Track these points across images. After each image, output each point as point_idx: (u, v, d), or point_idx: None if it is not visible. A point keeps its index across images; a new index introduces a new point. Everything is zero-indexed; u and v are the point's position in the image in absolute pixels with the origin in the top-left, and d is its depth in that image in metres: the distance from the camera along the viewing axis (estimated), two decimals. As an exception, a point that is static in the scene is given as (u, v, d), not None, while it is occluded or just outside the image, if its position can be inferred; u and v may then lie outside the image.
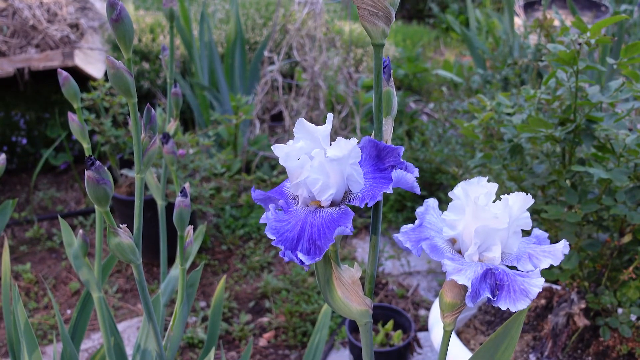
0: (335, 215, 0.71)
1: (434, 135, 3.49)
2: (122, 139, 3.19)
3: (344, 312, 0.85)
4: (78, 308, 1.61)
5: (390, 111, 0.80)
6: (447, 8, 7.08)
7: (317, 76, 3.46)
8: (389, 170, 0.76)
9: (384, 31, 0.71)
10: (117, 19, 0.80)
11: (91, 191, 0.81)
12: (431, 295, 2.94)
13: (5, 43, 3.72)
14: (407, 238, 0.84)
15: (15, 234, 3.41)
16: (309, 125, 0.73)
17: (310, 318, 2.71)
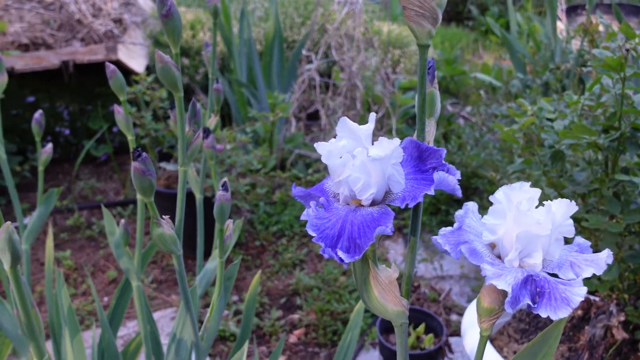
0: (376, 215, 0.71)
1: (471, 138, 3.46)
2: (161, 132, 3.25)
3: (379, 312, 0.86)
4: (116, 296, 1.65)
5: (433, 112, 0.80)
6: (487, 10, 6.99)
7: (354, 76, 3.46)
8: (430, 171, 0.75)
9: (429, 32, 0.71)
10: (167, 14, 0.82)
11: (137, 182, 0.83)
12: (463, 300, 2.91)
13: (52, 36, 3.82)
14: (445, 241, 0.84)
15: (57, 221, 3.51)
16: (351, 124, 0.74)
17: (341, 317, 2.71)
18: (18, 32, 3.72)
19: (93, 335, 1.53)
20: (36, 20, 3.86)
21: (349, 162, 0.71)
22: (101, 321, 1.47)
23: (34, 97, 3.91)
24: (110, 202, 3.66)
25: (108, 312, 1.67)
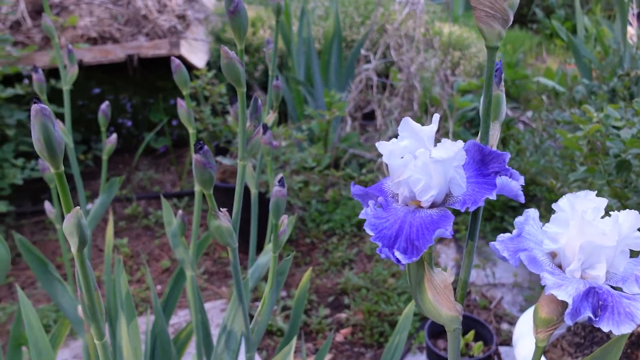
0: (435, 217, 0.70)
1: (530, 144, 3.36)
2: (218, 127, 3.31)
3: (433, 315, 0.84)
4: (170, 284, 1.69)
5: (498, 116, 0.78)
6: (553, 13, 6.78)
7: (412, 77, 3.43)
8: (492, 176, 0.74)
9: (499, 33, 0.70)
10: (234, 11, 0.83)
11: (198, 174, 0.85)
12: (515, 309, 2.84)
13: (119, 30, 3.95)
14: (504, 247, 0.82)
15: (116, 209, 3.63)
16: (414, 125, 0.73)
17: (389, 319, 2.69)
18: (87, 26, 3.87)
19: (147, 321, 1.58)
20: (105, 15, 4.00)
21: (410, 163, 0.70)
22: (155, 308, 1.51)
23: (99, 89, 4.06)
24: (167, 194, 3.76)
25: (162, 300, 1.71)
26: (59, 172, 0.63)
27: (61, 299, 1.63)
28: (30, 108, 2.17)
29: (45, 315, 2.73)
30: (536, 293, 2.88)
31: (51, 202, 1.72)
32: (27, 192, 3.72)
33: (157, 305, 1.47)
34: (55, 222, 1.69)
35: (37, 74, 1.47)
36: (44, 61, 3.51)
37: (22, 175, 3.24)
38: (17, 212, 3.55)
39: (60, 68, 1.58)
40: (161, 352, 1.52)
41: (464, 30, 4.94)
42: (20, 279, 3.07)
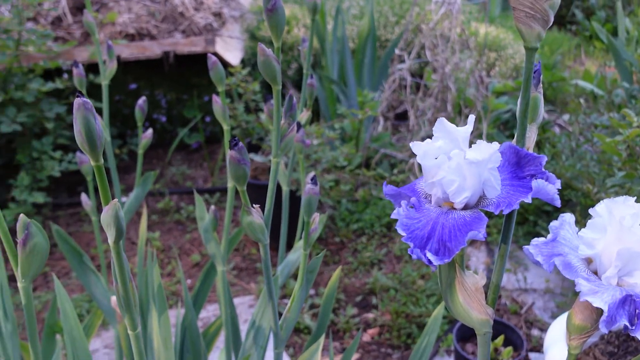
0: (468, 219, 0.69)
1: (566, 148, 3.30)
2: (251, 124, 3.34)
3: (463, 318, 0.84)
4: (201, 279, 1.71)
5: (535, 118, 0.77)
6: (593, 15, 6.64)
7: (447, 77, 3.40)
8: (528, 178, 0.73)
9: (539, 34, 0.69)
10: (272, 9, 0.84)
11: (232, 170, 0.86)
12: (546, 315, 2.79)
13: (156, 27, 4.02)
14: (538, 251, 0.80)
15: (149, 203, 3.69)
16: (449, 125, 0.73)
17: (417, 321, 2.68)
18: (126, 22, 3.94)
19: (177, 314, 1.60)
20: (143, 12, 4.07)
21: (445, 164, 0.70)
22: (186, 302, 1.53)
23: (136, 84, 4.13)
24: (199, 189, 3.80)
25: (192, 293, 1.74)
26: (98, 165, 0.64)
27: (95, 290, 1.67)
28: (70, 102, 2.24)
29: (79, 305, 2.80)
30: (569, 300, 2.82)
31: (87, 194, 1.76)
32: (64, 184, 3.82)
33: (187, 299, 1.49)
34: (91, 213, 1.73)
35: (77, 68, 1.50)
36: (83, 56, 3.59)
37: (59, 168, 3.32)
38: (54, 204, 3.64)
39: (100, 63, 1.61)
40: (190, 345, 1.54)
41: (500, 31, 4.87)
42: (55, 269, 3.14)
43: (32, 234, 0.76)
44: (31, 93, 3.21)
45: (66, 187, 3.83)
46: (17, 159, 3.32)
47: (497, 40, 4.55)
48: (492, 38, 4.55)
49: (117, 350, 1.78)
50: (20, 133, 3.34)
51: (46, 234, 0.79)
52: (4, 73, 3.25)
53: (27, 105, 3.27)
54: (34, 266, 0.78)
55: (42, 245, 0.77)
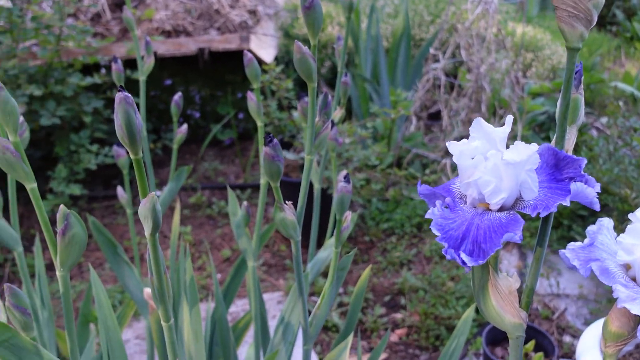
0: (504, 221, 0.68)
1: (604, 152, 3.23)
2: (284, 121, 3.35)
3: (495, 321, 0.83)
4: (231, 274, 1.73)
5: (575, 119, 0.76)
6: (634, 15, 6.47)
7: (482, 78, 3.36)
8: (566, 181, 0.72)
9: (582, 34, 0.67)
10: (310, 6, 0.84)
11: (266, 166, 0.86)
12: (579, 322, 2.73)
13: (192, 24, 4.07)
14: (575, 256, 0.79)
15: (181, 198, 3.75)
16: (486, 126, 0.72)
17: (445, 323, 2.66)
18: (163, 19, 4.00)
19: (208, 308, 1.62)
20: (179, 9, 4.12)
21: (481, 164, 0.69)
22: (216, 295, 1.55)
23: (171, 80, 4.19)
24: (231, 185, 3.84)
25: (222, 288, 1.76)
26: (137, 158, 0.65)
27: (128, 281, 1.70)
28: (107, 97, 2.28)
29: (111, 295, 2.85)
30: (602, 307, 2.76)
31: (123, 187, 1.79)
32: (100, 177, 3.90)
33: (218, 293, 1.51)
34: (126, 206, 1.76)
35: (116, 64, 1.53)
36: (121, 52, 3.66)
37: (96, 161, 3.39)
38: (89, 196, 3.72)
39: (138, 59, 1.64)
40: (220, 338, 1.56)
41: (537, 31, 4.78)
42: (89, 259, 3.21)
43: (72, 225, 0.77)
44: (70, 87, 3.29)
45: (102, 180, 3.91)
46: (56, 152, 3.41)
47: (534, 40, 4.48)
48: (529, 38, 4.48)
49: (148, 341, 1.81)
50: (59, 126, 3.43)
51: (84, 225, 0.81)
52: (45, 68, 3.33)
53: (66, 99, 3.34)
54: (72, 256, 0.80)
55: (80, 235, 0.79)
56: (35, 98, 3.24)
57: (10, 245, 1.32)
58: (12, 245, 1.32)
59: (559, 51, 4.43)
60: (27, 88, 3.14)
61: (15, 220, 1.35)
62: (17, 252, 1.34)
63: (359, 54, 4.05)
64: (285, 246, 3.31)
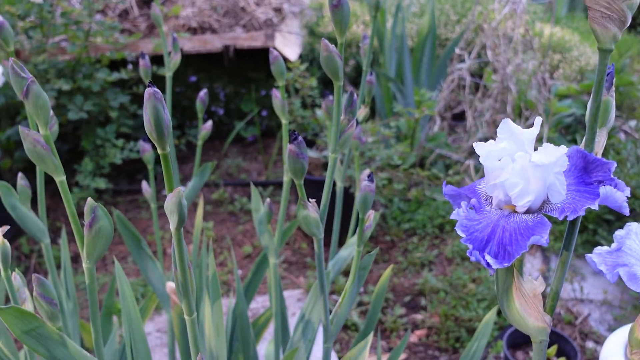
0: (531, 223, 0.68)
1: (632, 156, 3.17)
2: (307, 120, 3.36)
3: (518, 324, 0.82)
4: (253, 270, 1.74)
5: (605, 122, 0.75)
6: (667, 17, 6.34)
7: (508, 78, 3.32)
8: (595, 185, 0.70)
9: (614, 35, 0.66)
10: (338, 4, 0.84)
11: (291, 163, 0.87)
12: (603, 328, 2.69)
13: (218, 21, 4.09)
14: (602, 260, 0.78)
15: (204, 194, 3.78)
16: (514, 127, 0.71)
17: (466, 325, 2.64)
18: (189, 16, 4.03)
19: (229, 304, 1.63)
20: (205, 6, 4.15)
21: (508, 166, 0.68)
22: (238, 291, 1.55)
23: (196, 77, 4.22)
24: (253, 182, 3.86)
25: (244, 284, 1.77)
26: (164, 153, 0.66)
27: (151, 275, 1.72)
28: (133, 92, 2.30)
29: (134, 289, 2.89)
30: (628, 313, 2.71)
31: (147, 182, 1.81)
32: (124, 172, 3.95)
33: (239, 289, 1.52)
34: (150, 200, 1.78)
35: (143, 59, 1.55)
36: (148, 48, 3.69)
37: (121, 155, 3.44)
38: (114, 190, 3.77)
39: (165, 55, 1.66)
40: (240, 334, 1.57)
41: (566, 32, 4.72)
42: (113, 252, 3.26)
43: (99, 217, 0.79)
44: (97, 82, 3.34)
45: (126, 175, 3.96)
46: (82, 146, 3.46)
47: (562, 41, 4.41)
48: (556, 39, 4.41)
49: (169, 334, 1.83)
50: (86, 121, 3.48)
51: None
52: (73, 63, 3.39)
53: (93, 94, 3.39)
54: (98, 248, 0.81)
55: (107, 228, 0.80)
56: (63, 92, 3.30)
57: (38, 237, 1.35)
58: (39, 236, 1.35)
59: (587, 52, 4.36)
60: (55, 82, 3.19)
61: (43, 213, 1.37)
62: (44, 243, 1.37)
63: (384, 53, 4.04)
64: (306, 244, 3.31)
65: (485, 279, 2.87)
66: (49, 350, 0.87)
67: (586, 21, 6.98)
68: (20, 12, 3.11)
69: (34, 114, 0.76)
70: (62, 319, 1.42)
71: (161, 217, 3.47)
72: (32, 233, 1.34)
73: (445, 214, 3.35)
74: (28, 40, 3.29)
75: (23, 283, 0.99)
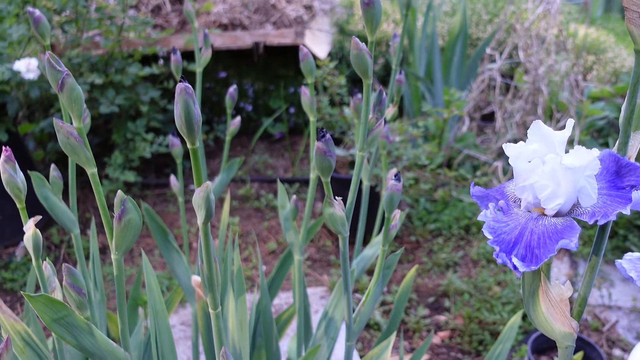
0: (560, 227, 0.67)
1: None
2: (335, 117, 3.36)
3: (544, 329, 0.81)
4: (277, 266, 1.75)
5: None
6: None
7: (540, 80, 3.27)
8: (627, 189, 0.69)
9: (651, 38, 0.65)
10: (369, 2, 0.84)
11: (318, 161, 0.87)
12: (631, 336, 2.64)
13: (248, 18, 4.11)
14: (632, 267, 0.76)
15: (230, 189, 3.81)
16: (545, 129, 0.70)
17: (490, 328, 2.61)
18: (220, 12, 4.06)
19: (253, 299, 1.64)
20: (236, 3, 4.18)
21: (538, 168, 0.67)
22: (262, 287, 1.56)
23: (225, 73, 4.25)
24: (280, 178, 3.88)
25: (268, 279, 1.78)
26: (194, 148, 0.67)
27: (177, 268, 1.74)
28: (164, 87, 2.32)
29: (160, 281, 2.93)
30: (657, 322, 2.65)
31: (176, 176, 1.83)
32: (153, 165, 4.00)
33: (263, 284, 1.53)
34: (178, 194, 1.80)
35: (175, 55, 1.57)
36: (179, 44, 3.74)
37: (150, 149, 3.48)
38: (143, 183, 3.83)
39: (196, 51, 1.68)
40: (263, 329, 1.58)
41: (600, 34, 4.63)
42: (140, 245, 3.31)
43: (128, 210, 0.80)
44: (129, 77, 3.39)
45: (154, 168, 4.01)
46: (113, 139, 3.52)
47: (596, 42, 4.33)
48: (591, 40, 4.33)
49: (193, 327, 1.85)
50: (117, 114, 3.53)
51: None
52: (106, 57, 3.44)
53: (124, 89, 3.45)
54: (127, 240, 0.82)
55: (136, 221, 0.82)
56: (95, 86, 3.36)
57: (68, 227, 1.37)
58: (69, 227, 1.37)
59: (622, 54, 4.27)
60: (88, 76, 3.25)
61: (73, 204, 1.40)
62: (74, 234, 1.40)
63: (413, 52, 4.01)
64: (330, 242, 3.32)
65: (511, 282, 2.83)
66: (77, 338, 0.88)
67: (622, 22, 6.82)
68: (56, 6, 3.17)
69: (68, 107, 0.78)
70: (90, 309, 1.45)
71: (188, 211, 3.51)
72: (62, 223, 1.37)
73: (472, 216, 3.32)
74: (63, 34, 3.36)
75: (53, 272, 1.01)
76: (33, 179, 1.32)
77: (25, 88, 3.16)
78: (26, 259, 3.04)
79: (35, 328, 1.36)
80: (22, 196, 0.94)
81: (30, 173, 1.32)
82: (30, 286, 1.48)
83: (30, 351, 1.03)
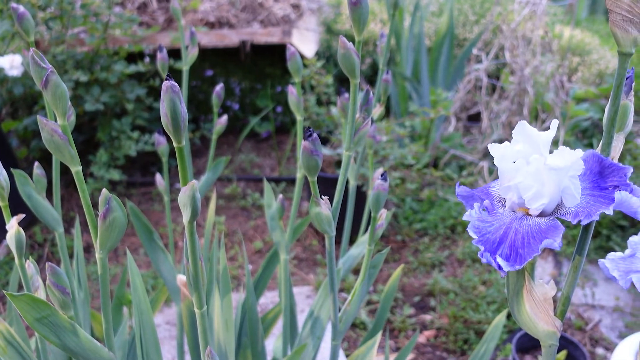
0: (544, 227, 0.67)
1: (649, 162, 3.13)
2: (322, 117, 3.36)
3: (528, 328, 0.82)
4: (263, 265, 1.75)
5: (623, 127, 0.74)
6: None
7: (525, 80, 3.29)
8: (610, 189, 0.70)
9: (635, 39, 0.66)
10: (357, 2, 0.84)
11: (304, 160, 0.87)
12: (613, 335, 2.67)
13: (236, 17, 4.10)
14: (614, 266, 0.77)
15: (217, 188, 3.79)
16: (530, 129, 0.71)
17: (475, 327, 2.63)
18: (207, 10, 4.04)
19: (239, 298, 1.64)
20: (223, 1, 4.16)
21: (523, 168, 0.68)
22: (247, 286, 1.56)
23: (212, 71, 4.23)
24: (266, 177, 3.87)
25: (254, 279, 1.77)
26: (180, 146, 0.66)
27: (162, 267, 1.73)
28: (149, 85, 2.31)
29: (145, 280, 2.91)
30: (639, 320, 2.69)
31: (161, 174, 1.82)
32: (138, 164, 3.97)
33: (249, 284, 1.53)
34: (164, 193, 1.79)
35: (161, 53, 1.56)
36: (165, 42, 3.71)
37: (136, 147, 3.46)
38: (128, 182, 3.80)
39: (182, 49, 1.67)
40: (249, 328, 1.58)
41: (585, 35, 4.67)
42: (124, 244, 3.28)
43: (113, 209, 0.79)
44: (115, 74, 3.36)
45: (140, 167, 3.98)
46: (98, 137, 3.49)
47: (581, 44, 4.37)
48: (576, 42, 4.37)
49: (178, 326, 1.84)
50: (102, 112, 3.51)
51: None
52: (91, 54, 3.41)
53: (110, 86, 3.42)
54: (111, 239, 0.82)
55: (120, 219, 0.81)
56: (80, 84, 3.33)
57: (52, 226, 1.36)
58: (53, 225, 1.36)
59: (607, 56, 4.32)
60: (73, 73, 3.22)
61: (57, 202, 1.39)
62: (58, 232, 1.38)
63: (401, 52, 4.03)
64: (316, 241, 3.32)
65: (496, 282, 2.86)
66: (60, 338, 0.88)
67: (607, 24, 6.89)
68: (41, 3, 3.13)
69: (52, 104, 0.77)
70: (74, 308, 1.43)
71: (173, 209, 3.49)
72: (46, 222, 1.35)
73: (458, 215, 3.34)
74: (48, 31, 3.32)
75: (36, 271, 1.00)
76: (16, 176, 1.31)
77: (8, 85, 3.12)
78: (9, 257, 3.01)
79: (17, 328, 1.34)
80: (5, 194, 0.93)
81: (13, 171, 1.30)
82: (13, 285, 1.46)
83: (13, 351, 1.02)
